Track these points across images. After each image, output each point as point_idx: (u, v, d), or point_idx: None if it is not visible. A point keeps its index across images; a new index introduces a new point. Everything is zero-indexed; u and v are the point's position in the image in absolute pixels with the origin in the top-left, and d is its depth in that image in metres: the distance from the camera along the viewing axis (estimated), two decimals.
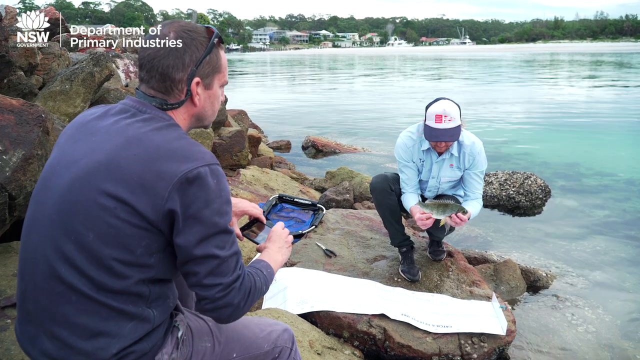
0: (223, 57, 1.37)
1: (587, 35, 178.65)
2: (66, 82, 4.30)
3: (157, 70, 1.25)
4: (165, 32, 1.27)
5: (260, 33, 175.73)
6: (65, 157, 1.22)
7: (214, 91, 1.36)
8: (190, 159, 1.16)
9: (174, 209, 1.13)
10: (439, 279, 3.33)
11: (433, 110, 2.93)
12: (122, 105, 1.27)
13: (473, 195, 3.18)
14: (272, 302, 3.01)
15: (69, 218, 1.15)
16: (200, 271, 1.18)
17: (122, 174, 1.13)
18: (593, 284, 3.83)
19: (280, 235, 1.64)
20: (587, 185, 6.77)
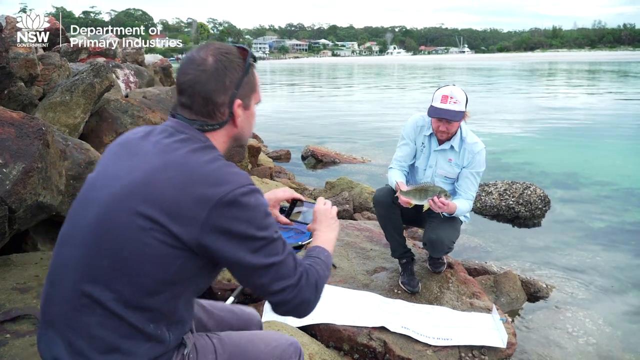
0: (257, 76, 1.40)
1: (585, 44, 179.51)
2: (66, 93, 4.32)
3: (199, 95, 1.26)
4: (204, 56, 1.28)
5: (259, 42, 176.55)
6: (107, 174, 1.25)
7: (251, 111, 1.39)
8: (225, 182, 1.18)
9: (214, 232, 1.16)
10: (439, 291, 3.32)
11: (440, 91, 3.01)
12: (163, 127, 1.29)
13: (465, 194, 3.14)
14: (272, 314, 2.99)
15: (106, 234, 1.17)
16: (265, 281, 1.21)
17: (157, 197, 1.15)
18: (593, 295, 3.83)
19: (324, 213, 1.63)
20: (587, 195, 6.77)
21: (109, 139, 4.58)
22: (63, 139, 3.22)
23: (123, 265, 1.15)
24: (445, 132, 3.07)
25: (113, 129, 4.62)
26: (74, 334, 1.18)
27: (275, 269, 1.22)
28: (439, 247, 3.14)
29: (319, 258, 1.42)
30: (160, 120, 5.02)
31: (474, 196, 3.20)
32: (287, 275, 1.24)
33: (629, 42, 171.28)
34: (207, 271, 1.25)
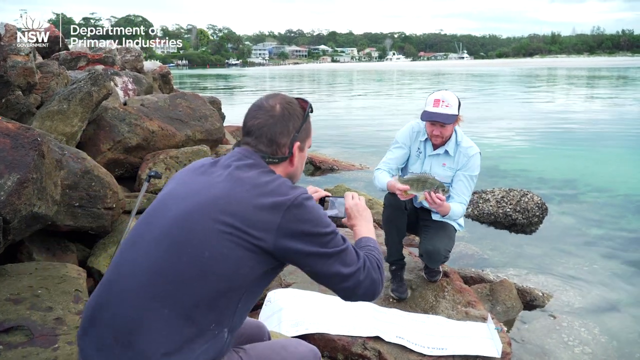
0: (311, 124, 1.65)
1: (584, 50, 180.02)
2: (64, 101, 4.33)
3: (266, 136, 1.49)
4: (272, 104, 1.52)
5: (259, 48, 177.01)
6: (183, 189, 1.43)
7: (304, 153, 1.62)
8: (291, 191, 1.39)
9: (289, 234, 1.34)
10: (434, 300, 3.32)
11: (432, 96, 3.08)
12: (231, 153, 1.50)
13: (458, 198, 3.14)
14: (268, 324, 2.99)
15: (187, 238, 1.32)
16: (337, 269, 1.39)
17: (236, 208, 1.33)
18: (590, 304, 3.83)
19: (356, 208, 1.78)
20: (585, 202, 6.78)
21: (106, 147, 4.59)
22: (59, 149, 3.23)
23: (201, 265, 1.29)
24: (440, 136, 3.10)
25: (110, 137, 4.63)
26: (137, 335, 1.26)
27: (343, 256, 1.41)
28: (435, 257, 3.15)
29: (369, 245, 1.61)
30: (158, 128, 5.04)
31: (467, 201, 3.20)
32: (354, 260, 1.43)
33: (627, 47, 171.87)
34: (268, 276, 1.42)
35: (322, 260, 1.39)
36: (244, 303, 1.40)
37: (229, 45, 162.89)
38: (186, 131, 5.51)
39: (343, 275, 1.40)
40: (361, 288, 1.43)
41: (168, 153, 4.69)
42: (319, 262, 1.39)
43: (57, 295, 2.32)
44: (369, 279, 1.44)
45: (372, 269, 1.46)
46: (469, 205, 6.01)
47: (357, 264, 1.43)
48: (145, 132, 4.84)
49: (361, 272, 1.43)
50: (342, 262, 1.41)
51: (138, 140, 4.76)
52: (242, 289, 1.35)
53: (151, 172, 3.27)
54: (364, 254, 1.51)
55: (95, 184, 3.27)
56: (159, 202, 1.47)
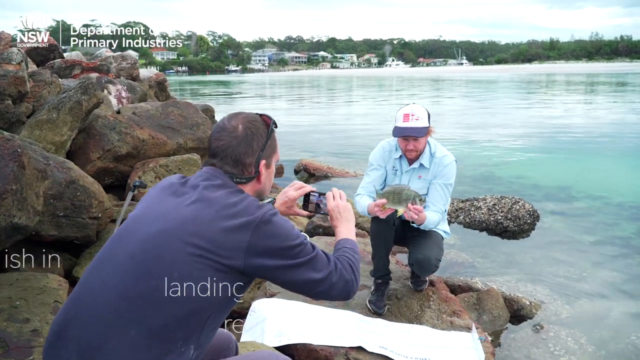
0: (277, 139, 1.67)
1: (582, 55, 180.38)
2: (53, 111, 4.35)
3: (230, 157, 1.52)
4: (234, 124, 1.53)
5: (259, 54, 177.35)
6: (154, 210, 1.45)
7: (272, 169, 1.65)
8: (258, 209, 1.42)
9: (259, 253, 1.38)
10: (419, 309, 3.32)
11: (402, 111, 3.09)
12: (200, 173, 1.52)
13: (434, 207, 3.12)
14: (251, 334, 2.99)
15: (157, 258, 1.34)
16: (310, 275, 1.44)
17: (206, 230, 1.36)
18: (578, 313, 3.82)
19: (336, 210, 1.80)
20: (578, 209, 6.78)
21: (96, 155, 4.60)
22: (44, 158, 3.24)
23: (168, 285, 1.31)
24: (414, 150, 3.11)
25: (100, 145, 4.64)
26: (100, 354, 1.28)
27: (313, 263, 1.45)
28: (426, 267, 3.14)
29: (345, 247, 1.65)
30: (148, 137, 5.05)
31: (443, 209, 3.20)
32: (324, 265, 1.47)
33: (626, 53, 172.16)
34: (238, 292, 1.42)
35: (293, 270, 1.43)
36: (213, 320, 1.42)
37: (228, 52, 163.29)
38: (177, 139, 5.53)
39: (316, 281, 1.45)
40: (335, 290, 1.48)
41: (158, 162, 4.70)
42: (291, 273, 1.43)
43: (36, 306, 2.32)
44: (342, 280, 1.49)
45: (344, 270, 1.51)
46: (460, 213, 6.01)
47: (328, 267, 1.48)
48: (135, 140, 4.86)
49: (333, 274, 1.48)
50: (313, 269, 1.45)
51: (128, 148, 4.78)
52: (212, 307, 1.37)
53: (136, 181, 3.27)
54: (336, 256, 1.56)
55: (80, 193, 3.27)
56: (129, 222, 1.49)
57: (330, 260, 1.51)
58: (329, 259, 1.51)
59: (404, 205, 2.74)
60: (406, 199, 2.74)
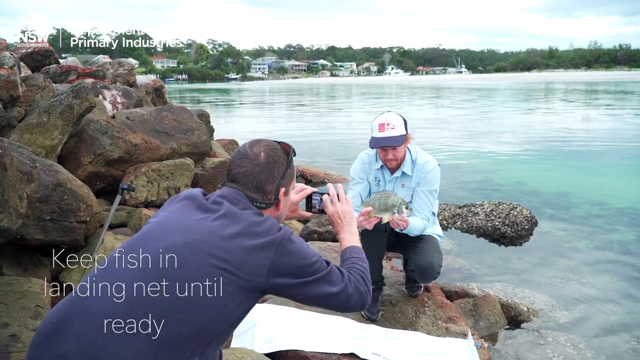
0: (294, 167, 1.73)
1: (581, 64, 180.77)
2: (44, 114, 4.29)
3: (252, 184, 1.56)
4: (257, 152, 1.58)
5: (259, 62, 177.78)
6: (179, 221, 1.45)
7: (289, 196, 1.70)
8: (280, 230, 1.48)
9: (280, 273, 1.42)
10: (414, 315, 3.24)
11: (376, 121, 3.01)
12: (222, 191, 1.56)
13: (419, 214, 3.06)
14: (241, 340, 2.92)
15: (179, 268, 1.34)
16: (327, 289, 1.50)
17: (231, 244, 1.39)
18: (576, 319, 3.74)
19: (336, 215, 1.84)
20: (576, 215, 6.71)
21: (87, 160, 4.53)
22: (31, 161, 3.18)
23: (189, 298, 1.31)
24: (394, 159, 3.04)
25: (91, 150, 4.58)
26: (104, 354, 1.24)
27: (329, 277, 1.51)
28: (429, 273, 3.07)
29: (352, 257, 1.71)
30: (141, 141, 4.99)
31: (429, 215, 3.13)
32: (339, 278, 1.53)
33: (624, 62, 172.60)
34: (250, 309, 1.47)
35: (312, 285, 1.48)
36: (222, 335, 1.42)
37: (228, 60, 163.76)
38: (172, 144, 5.47)
39: (333, 294, 1.51)
40: (351, 301, 1.54)
41: (150, 166, 4.64)
42: (308, 289, 1.48)
43: (16, 311, 2.25)
44: (357, 292, 1.55)
45: (357, 282, 1.57)
46: (457, 219, 5.95)
47: (343, 280, 1.54)
48: (127, 145, 4.79)
49: (348, 286, 1.53)
50: (330, 283, 1.51)
51: (120, 153, 4.71)
52: (226, 322, 1.39)
53: (124, 184, 3.21)
54: (347, 269, 1.62)
55: (67, 197, 3.21)
56: (152, 227, 1.49)
57: (344, 273, 1.57)
58: (342, 273, 1.56)
59: (390, 212, 2.66)
60: (392, 205, 2.65)
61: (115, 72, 10.12)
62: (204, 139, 5.90)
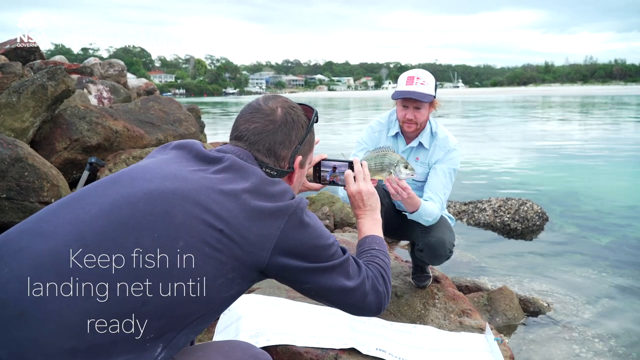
0: (315, 135, 1.41)
1: (577, 79, 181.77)
2: (13, 94, 3.93)
3: (263, 144, 1.23)
4: (273, 107, 1.27)
5: (256, 77, 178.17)
6: (170, 167, 1.12)
7: (304, 170, 1.38)
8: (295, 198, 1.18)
9: (287, 247, 1.11)
10: (423, 308, 2.85)
11: (405, 74, 2.62)
12: (226, 147, 1.23)
13: (434, 196, 2.56)
14: (224, 335, 2.52)
15: (162, 215, 1.01)
16: (342, 282, 1.18)
17: (234, 202, 1.07)
18: (601, 313, 3.36)
19: (359, 195, 1.52)
20: (587, 212, 6.36)
21: (62, 145, 4.16)
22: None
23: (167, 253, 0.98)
24: (414, 122, 2.59)
25: (67, 135, 4.21)
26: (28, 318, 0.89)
27: (345, 267, 1.20)
28: (440, 250, 2.61)
29: (373, 249, 1.39)
30: (122, 129, 4.62)
31: (444, 201, 2.63)
32: (356, 271, 1.23)
33: (620, 77, 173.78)
34: (240, 294, 1.13)
35: (325, 274, 1.17)
36: (200, 322, 1.07)
37: (226, 75, 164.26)
38: (157, 135, 5.11)
39: (348, 289, 1.20)
40: (367, 301, 1.24)
41: (130, 153, 4.26)
42: (320, 277, 1.17)
43: None
44: (374, 291, 1.25)
45: (376, 279, 1.27)
46: (463, 216, 5.58)
47: (360, 274, 1.24)
48: (107, 131, 4.42)
49: (365, 282, 1.24)
50: (345, 275, 1.21)
51: (99, 139, 4.34)
52: (209, 303, 1.05)
53: (91, 158, 2.84)
54: (365, 263, 1.31)
55: (29, 174, 2.83)
56: (133, 168, 1.14)
57: (361, 267, 1.26)
58: (359, 266, 1.26)
59: (387, 172, 2.13)
60: (389, 164, 2.12)
61: (105, 72, 9.81)
62: (192, 130, 5.55)
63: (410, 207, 2.46)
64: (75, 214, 1.02)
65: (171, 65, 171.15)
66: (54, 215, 1.03)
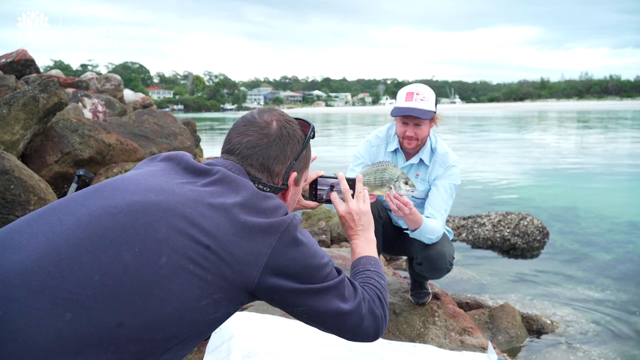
0: (311, 152, 1.34)
1: (573, 94, 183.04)
2: (4, 106, 3.85)
3: (256, 159, 1.18)
4: (267, 120, 1.21)
5: (254, 93, 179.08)
6: (157, 180, 1.06)
7: (299, 187, 1.31)
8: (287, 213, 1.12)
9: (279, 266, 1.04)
10: (422, 326, 2.75)
11: (404, 89, 2.52)
12: (213, 161, 1.17)
13: (435, 212, 2.47)
14: (215, 355, 2.41)
15: (143, 228, 0.93)
16: (337, 305, 1.11)
17: (223, 217, 1.00)
18: (608, 332, 3.26)
19: (349, 216, 1.45)
20: (587, 228, 6.28)
21: (53, 159, 4.08)
22: None
23: (149, 274, 0.90)
24: (414, 138, 2.49)
25: (58, 148, 4.13)
26: None
27: (341, 289, 1.13)
28: (441, 264, 2.51)
29: (368, 270, 1.33)
30: (115, 142, 4.54)
31: (445, 218, 2.54)
32: (351, 293, 1.16)
33: (615, 92, 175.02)
34: (227, 317, 1.06)
35: (319, 296, 1.10)
36: (182, 347, 0.99)
37: (224, 91, 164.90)
38: (151, 148, 5.03)
39: (344, 313, 1.12)
40: (364, 325, 1.16)
41: (123, 166, 4.18)
42: (315, 300, 1.09)
43: None
44: (371, 315, 1.18)
45: (372, 302, 1.20)
46: (462, 231, 5.49)
47: (356, 296, 1.17)
48: (100, 144, 4.34)
49: (362, 305, 1.16)
50: (341, 297, 1.13)
51: (91, 152, 4.26)
52: (192, 326, 0.97)
53: (80, 170, 2.75)
54: (361, 284, 1.24)
55: (15, 186, 2.74)
56: (116, 179, 1.07)
57: (357, 289, 1.19)
58: (355, 287, 1.19)
59: (386, 187, 2.05)
60: (389, 179, 2.03)
61: (101, 87, 9.76)
62: (187, 144, 5.47)
63: (412, 224, 2.35)
64: (50, 224, 0.94)
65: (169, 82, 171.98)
66: (27, 225, 0.95)
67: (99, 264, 0.89)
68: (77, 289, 0.86)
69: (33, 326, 0.82)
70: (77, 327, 0.84)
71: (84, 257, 0.89)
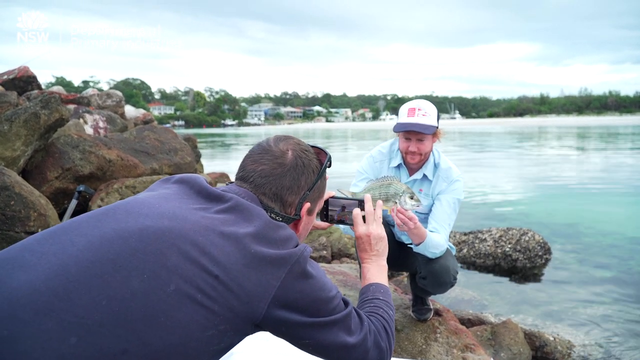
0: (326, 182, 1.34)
1: (573, 110, 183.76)
2: (5, 123, 3.87)
3: (270, 188, 1.17)
4: (283, 149, 1.20)
5: (255, 109, 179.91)
6: (169, 204, 1.06)
7: (312, 217, 1.31)
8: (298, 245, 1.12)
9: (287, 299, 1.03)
10: (424, 343, 2.72)
11: (406, 105, 2.54)
12: (227, 188, 1.18)
13: (439, 227, 2.47)
14: None
15: (154, 254, 0.93)
16: (343, 338, 1.11)
17: (231, 248, 1.00)
18: (613, 350, 3.24)
19: (367, 239, 1.43)
20: (589, 245, 6.24)
21: (54, 175, 4.08)
22: None
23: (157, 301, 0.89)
24: (417, 154, 2.50)
25: (59, 164, 4.13)
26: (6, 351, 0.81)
27: (347, 322, 1.13)
28: (445, 278, 2.50)
29: (377, 299, 1.32)
30: (116, 158, 4.55)
31: (448, 232, 2.54)
32: (358, 325, 1.16)
33: (615, 108, 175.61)
34: (230, 348, 1.04)
35: (325, 330, 1.09)
36: None
37: (225, 107, 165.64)
38: (152, 164, 5.03)
39: (349, 346, 1.12)
40: (368, 358, 1.16)
41: (123, 182, 4.18)
42: (322, 333, 1.09)
43: None
44: (376, 348, 1.17)
45: (378, 334, 1.19)
46: (463, 246, 5.47)
47: (362, 328, 1.16)
48: (100, 160, 4.35)
49: (368, 338, 1.16)
50: (347, 330, 1.13)
51: (91, 168, 4.26)
52: (193, 358, 0.95)
53: (80, 186, 2.75)
54: (367, 314, 1.24)
55: (15, 202, 2.74)
56: (128, 201, 1.08)
57: (363, 320, 1.18)
58: (361, 319, 1.18)
59: (392, 202, 2.06)
60: (394, 194, 2.04)
61: (102, 103, 9.80)
62: (188, 160, 5.48)
63: (416, 238, 2.35)
64: (61, 245, 0.94)
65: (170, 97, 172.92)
66: (39, 244, 0.95)
67: (107, 288, 0.89)
68: (84, 312, 0.86)
69: (38, 349, 0.81)
70: (81, 353, 0.83)
71: (93, 281, 0.89)
